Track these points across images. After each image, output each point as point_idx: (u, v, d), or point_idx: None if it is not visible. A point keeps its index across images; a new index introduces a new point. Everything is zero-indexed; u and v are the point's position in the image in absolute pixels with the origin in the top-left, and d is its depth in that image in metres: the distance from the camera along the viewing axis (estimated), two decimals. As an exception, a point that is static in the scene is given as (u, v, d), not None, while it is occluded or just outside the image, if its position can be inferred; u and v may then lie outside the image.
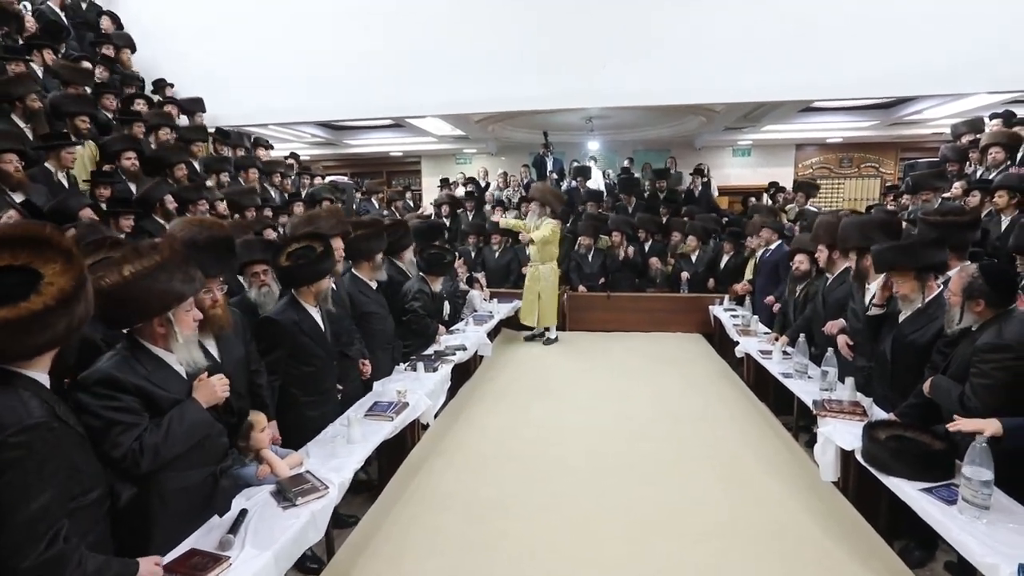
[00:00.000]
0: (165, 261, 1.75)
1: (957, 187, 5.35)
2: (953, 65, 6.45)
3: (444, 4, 7.14)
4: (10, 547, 1.30)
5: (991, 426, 1.97)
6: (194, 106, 6.99)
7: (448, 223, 8.09)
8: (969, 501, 1.94)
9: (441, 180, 10.01)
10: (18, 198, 3.67)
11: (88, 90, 5.45)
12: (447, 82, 7.26)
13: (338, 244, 3.29)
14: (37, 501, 1.33)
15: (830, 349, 3.38)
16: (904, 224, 3.84)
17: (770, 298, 5.13)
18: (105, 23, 7.17)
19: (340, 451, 2.55)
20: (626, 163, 10.30)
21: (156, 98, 6.75)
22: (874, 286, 3.21)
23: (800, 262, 4.34)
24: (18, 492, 1.31)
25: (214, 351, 2.25)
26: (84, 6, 7.28)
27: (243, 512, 1.95)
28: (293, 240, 2.93)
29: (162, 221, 4.37)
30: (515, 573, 2.44)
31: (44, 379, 1.48)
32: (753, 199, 9.33)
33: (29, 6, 6.19)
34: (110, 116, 5.66)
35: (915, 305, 2.71)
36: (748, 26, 6.70)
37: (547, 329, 6.54)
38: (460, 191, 9.38)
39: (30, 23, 5.94)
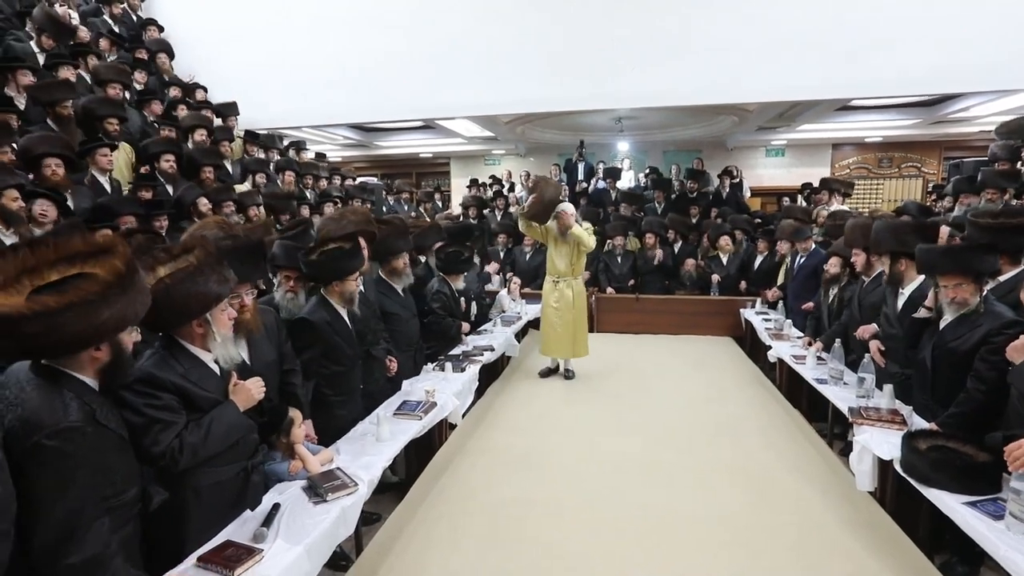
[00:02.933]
0: (200, 264, 1.80)
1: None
2: (1001, 60, 6.16)
3: (474, 6, 7.18)
4: (50, 544, 1.36)
5: None
6: (228, 110, 7.19)
7: (473, 225, 8.11)
8: (1017, 517, 1.85)
9: (471, 180, 10.08)
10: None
11: (125, 94, 5.61)
12: (476, 84, 7.31)
13: (363, 244, 3.31)
14: (73, 501, 1.38)
15: (867, 355, 3.28)
16: (942, 227, 3.71)
17: (808, 304, 4.97)
18: (151, 33, 7.44)
19: (370, 449, 2.59)
20: (647, 169, 10.10)
21: (190, 101, 6.96)
22: (908, 290, 3.12)
23: (831, 265, 4.21)
24: (54, 492, 1.37)
25: (244, 354, 2.31)
26: (135, 18, 7.58)
27: (276, 506, 2.00)
28: (327, 241, 2.99)
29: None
30: (538, 572, 2.44)
31: (91, 382, 1.53)
32: (787, 200, 9.13)
33: (77, 15, 6.46)
34: (150, 120, 5.87)
35: (962, 310, 2.59)
36: (783, 22, 6.54)
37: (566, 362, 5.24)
38: (489, 192, 9.43)
39: (84, 33, 6.20)
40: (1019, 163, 5.83)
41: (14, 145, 3.91)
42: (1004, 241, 2.79)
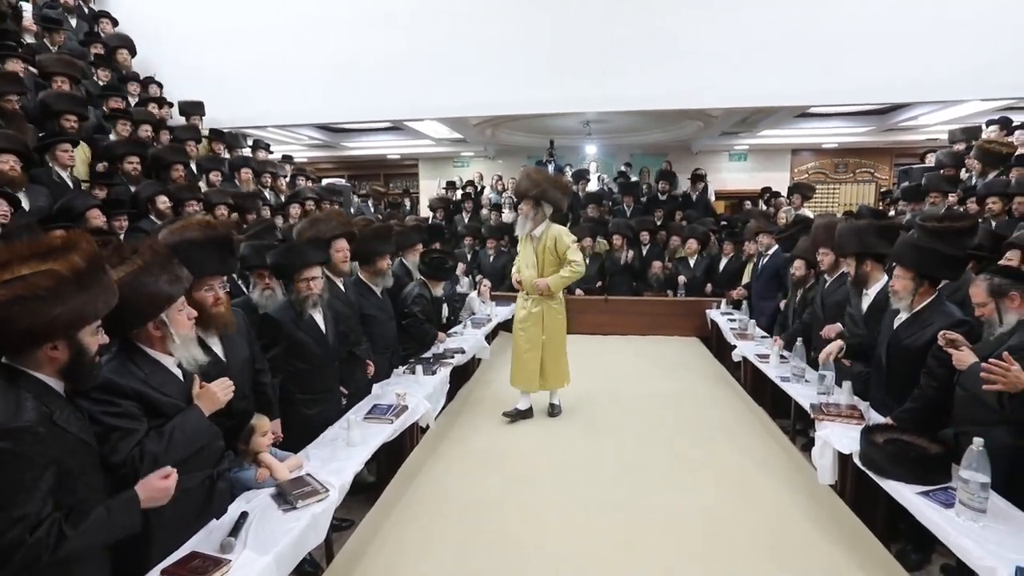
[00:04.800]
0: (147, 264, 1.74)
1: (951, 196, 5.44)
2: (949, 73, 6.53)
3: (447, 9, 7.16)
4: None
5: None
6: (193, 109, 6.98)
7: (443, 226, 8.08)
8: (966, 504, 1.95)
9: (447, 183, 10.02)
10: (22, 198, 3.68)
11: (68, 86, 5.34)
12: (448, 86, 7.29)
13: (342, 245, 3.33)
14: (23, 506, 1.31)
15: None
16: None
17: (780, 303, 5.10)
18: (104, 25, 7.15)
19: (340, 454, 2.54)
20: (623, 168, 10.32)
21: (152, 104, 6.72)
22: (873, 291, 3.21)
23: (796, 268, 4.30)
24: (1, 494, 1.30)
25: (219, 350, 2.25)
26: (86, 10, 7.27)
27: (244, 515, 1.95)
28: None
29: (157, 221, 4.36)
30: (514, 575, 2.45)
31: (54, 383, 1.46)
32: (749, 203, 9.41)
33: (30, 7, 6.17)
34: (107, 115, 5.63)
35: (903, 303, 2.72)
36: (748, 33, 6.77)
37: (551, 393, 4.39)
38: (458, 194, 9.40)
39: (28, 23, 5.92)
40: (963, 169, 6.17)
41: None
42: (948, 243, 2.94)
